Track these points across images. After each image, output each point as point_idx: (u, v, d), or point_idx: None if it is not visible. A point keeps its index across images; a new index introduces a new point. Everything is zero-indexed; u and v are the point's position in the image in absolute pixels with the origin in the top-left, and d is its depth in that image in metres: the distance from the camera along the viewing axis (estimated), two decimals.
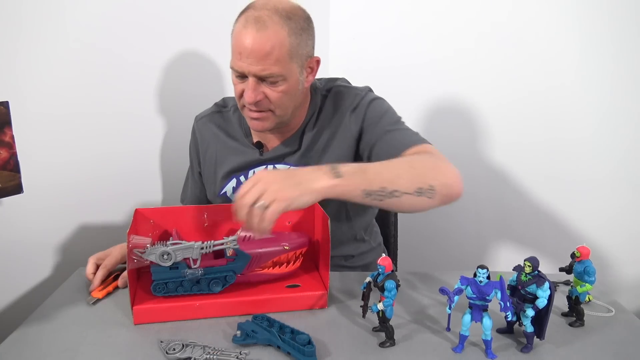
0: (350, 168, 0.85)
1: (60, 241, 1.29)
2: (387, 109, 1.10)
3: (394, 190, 0.86)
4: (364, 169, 0.87)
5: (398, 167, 0.90)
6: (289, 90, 1.01)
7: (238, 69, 0.98)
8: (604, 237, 1.49)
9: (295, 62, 1.00)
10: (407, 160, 0.94)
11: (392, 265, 0.81)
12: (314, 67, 1.06)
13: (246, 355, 0.77)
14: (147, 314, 0.87)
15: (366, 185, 0.84)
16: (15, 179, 1.13)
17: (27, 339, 0.84)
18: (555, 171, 1.56)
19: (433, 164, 0.93)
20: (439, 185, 0.89)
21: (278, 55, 0.96)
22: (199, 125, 1.23)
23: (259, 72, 0.97)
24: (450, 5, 1.59)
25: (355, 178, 0.84)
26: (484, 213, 1.67)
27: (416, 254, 1.68)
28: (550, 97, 1.52)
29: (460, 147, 1.64)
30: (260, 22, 0.95)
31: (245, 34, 0.95)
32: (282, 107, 1.03)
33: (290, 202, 0.78)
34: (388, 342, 0.82)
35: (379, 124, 1.07)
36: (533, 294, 0.79)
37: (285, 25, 0.96)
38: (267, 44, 0.94)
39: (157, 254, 0.87)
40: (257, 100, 1.00)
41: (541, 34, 1.49)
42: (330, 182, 0.81)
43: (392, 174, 0.88)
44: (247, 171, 1.15)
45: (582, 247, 0.89)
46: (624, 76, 1.43)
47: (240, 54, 0.97)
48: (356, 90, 1.12)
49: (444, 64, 1.62)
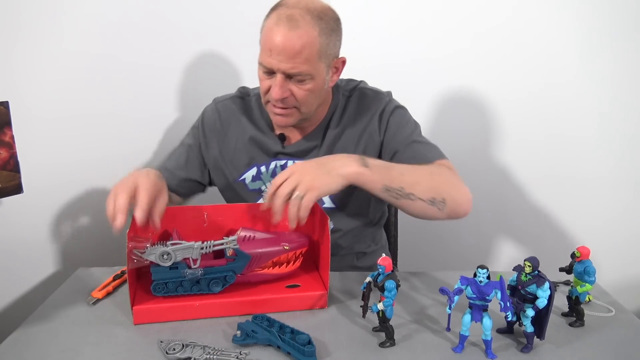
0: (377, 162, 0.95)
1: (60, 241, 1.29)
2: (409, 119, 1.13)
3: (411, 193, 0.94)
4: (389, 167, 0.96)
5: (420, 174, 0.97)
6: (315, 88, 1.02)
7: (267, 65, 0.99)
8: (604, 237, 1.49)
9: (324, 62, 1.01)
10: (429, 171, 1.00)
11: (392, 265, 0.81)
12: (339, 67, 1.08)
13: (246, 355, 0.77)
14: (147, 314, 0.87)
15: (388, 181, 0.93)
16: (15, 179, 1.13)
17: (27, 339, 0.84)
18: (556, 171, 1.56)
19: (450, 180, 1.00)
20: (451, 201, 0.97)
21: (308, 55, 0.97)
22: (220, 106, 1.19)
23: (288, 70, 0.98)
24: (450, 4, 1.59)
25: (380, 171, 0.93)
26: (484, 213, 1.67)
27: (416, 254, 1.68)
28: (550, 96, 1.52)
29: (459, 146, 1.64)
30: (292, 20, 0.96)
31: (277, 31, 0.96)
32: (307, 105, 1.04)
33: (322, 189, 0.87)
34: (388, 342, 0.82)
35: (402, 133, 1.10)
36: (533, 294, 0.79)
37: (316, 25, 0.97)
38: (298, 42, 0.95)
39: (157, 254, 0.87)
40: (284, 97, 1.01)
41: (542, 33, 1.49)
42: (358, 169, 0.91)
43: (413, 178, 0.95)
44: (269, 162, 1.15)
45: (582, 247, 0.89)
46: (625, 75, 1.43)
47: (270, 50, 0.97)
48: (381, 95, 1.15)
49: (444, 62, 1.62)
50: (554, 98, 1.51)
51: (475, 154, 1.64)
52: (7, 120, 1.09)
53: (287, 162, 1.14)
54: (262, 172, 1.15)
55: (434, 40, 1.63)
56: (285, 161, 1.14)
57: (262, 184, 1.15)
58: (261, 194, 1.16)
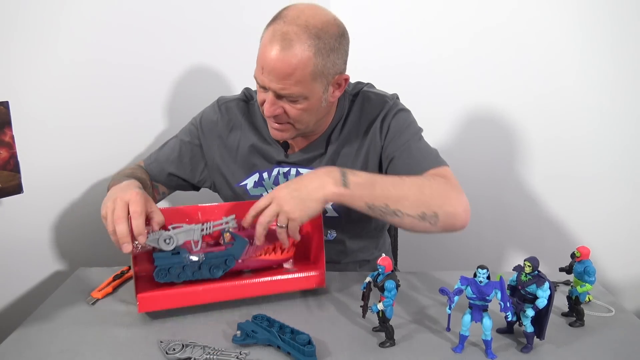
0: (359, 179, 0.89)
1: (60, 241, 1.29)
2: (410, 123, 1.09)
3: (397, 210, 0.89)
4: (372, 183, 0.90)
5: (407, 188, 0.91)
6: (309, 107, 0.99)
7: (260, 82, 0.97)
8: (604, 237, 1.49)
9: (319, 82, 0.97)
10: (419, 183, 0.93)
11: (392, 265, 0.81)
12: (342, 84, 1.03)
13: (246, 355, 0.77)
14: (151, 301, 0.87)
15: (370, 199, 0.88)
16: (15, 179, 1.13)
17: (27, 339, 0.84)
18: (556, 171, 1.56)
19: (443, 191, 0.94)
20: (443, 214, 0.91)
21: (299, 77, 0.93)
22: (224, 108, 1.16)
23: (278, 90, 0.95)
24: (450, 5, 1.59)
25: (361, 190, 0.88)
26: (484, 213, 1.67)
27: (416, 254, 1.68)
28: (551, 97, 1.52)
29: (459, 146, 1.65)
30: (286, 39, 0.91)
31: (270, 49, 0.92)
32: (301, 123, 1.01)
33: (301, 218, 0.86)
34: (388, 342, 0.82)
35: (400, 138, 1.06)
36: (533, 294, 0.79)
37: (312, 45, 0.92)
38: (290, 64, 0.91)
39: (159, 239, 0.87)
40: (276, 114, 0.99)
41: (542, 34, 1.49)
42: (336, 190, 0.87)
43: (399, 194, 0.90)
44: (272, 168, 1.12)
45: (582, 247, 0.89)
46: (624, 76, 1.43)
47: (262, 68, 0.94)
48: (385, 98, 1.10)
49: (444, 64, 1.62)
50: (553, 98, 1.51)
51: (475, 154, 1.64)
52: (7, 120, 1.09)
53: (290, 169, 1.11)
54: (265, 179, 1.13)
55: (434, 42, 1.63)
56: (289, 168, 1.11)
57: (264, 190, 1.13)
58: None
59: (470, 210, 0.94)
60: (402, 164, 1.04)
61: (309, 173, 0.92)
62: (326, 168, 0.91)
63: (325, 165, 1.08)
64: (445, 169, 1.01)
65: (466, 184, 0.98)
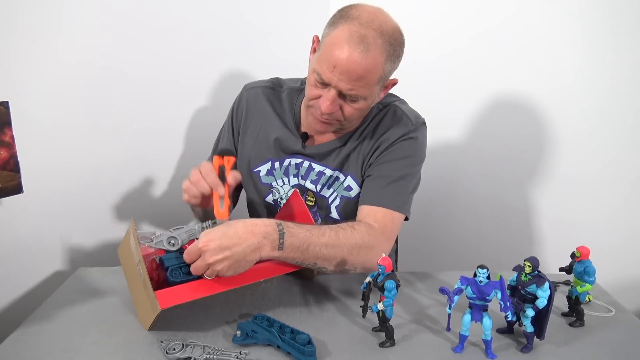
0: (296, 240, 0.91)
1: (60, 241, 1.29)
2: (411, 155, 1.09)
3: (323, 267, 0.95)
4: (306, 246, 0.92)
5: (339, 249, 0.94)
6: (364, 107, 1.02)
7: (326, 79, 0.96)
8: (604, 237, 1.49)
9: (379, 85, 1.00)
10: (352, 243, 0.96)
11: (392, 265, 0.81)
12: (388, 86, 1.06)
13: (246, 355, 0.77)
14: (170, 296, 0.85)
15: (301, 259, 0.92)
16: (15, 179, 1.13)
17: (27, 339, 0.84)
18: (556, 171, 1.56)
19: (369, 249, 0.97)
20: (361, 268, 0.99)
21: (370, 80, 0.95)
22: (248, 94, 1.18)
23: (346, 90, 0.96)
24: (450, 5, 1.59)
25: (294, 253, 0.91)
26: (484, 213, 1.67)
27: (416, 254, 1.68)
28: (550, 96, 1.52)
29: (459, 146, 1.64)
30: (364, 43, 0.92)
31: (346, 50, 0.92)
32: (351, 121, 1.05)
33: (234, 274, 0.87)
34: (388, 342, 0.82)
35: (391, 165, 1.07)
36: (533, 294, 0.79)
37: (385, 51, 0.95)
38: (366, 67, 0.93)
39: (164, 240, 0.91)
40: (332, 112, 1.00)
41: (542, 34, 1.49)
42: (272, 254, 0.89)
43: (329, 255, 0.94)
44: (284, 158, 1.14)
45: (582, 247, 0.89)
46: (622, 75, 1.43)
47: (334, 66, 0.94)
48: (408, 121, 1.10)
49: (443, 63, 1.62)
50: (554, 98, 1.51)
51: (475, 153, 1.64)
52: (7, 120, 1.09)
53: (304, 161, 1.12)
54: (276, 168, 1.15)
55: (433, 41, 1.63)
56: (302, 160, 1.12)
57: (274, 179, 1.15)
58: (271, 189, 1.16)
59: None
60: (371, 186, 1.07)
61: (245, 226, 0.88)
62: (264, 225, 0.89)
63: (338, 164, 1.10)
64: (395, 218, 1.04)
65: (466, 183, 0.98)
